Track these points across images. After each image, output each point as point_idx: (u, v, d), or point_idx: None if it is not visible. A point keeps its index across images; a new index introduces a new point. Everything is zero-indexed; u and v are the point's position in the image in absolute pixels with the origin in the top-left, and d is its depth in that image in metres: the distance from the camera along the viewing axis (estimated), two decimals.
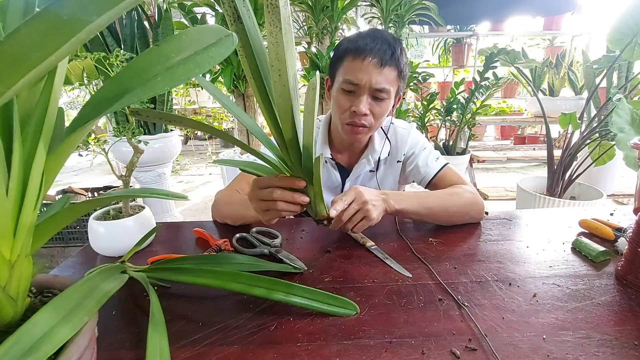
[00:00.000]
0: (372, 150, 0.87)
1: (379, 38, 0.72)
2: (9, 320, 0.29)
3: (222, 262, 0.54)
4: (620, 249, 0.64)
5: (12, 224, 0.27)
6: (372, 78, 0.72)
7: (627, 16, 1.46)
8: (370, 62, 0.71)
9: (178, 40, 0.28)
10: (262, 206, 0.55)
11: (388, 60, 0.72)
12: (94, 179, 3.81)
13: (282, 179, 0.52)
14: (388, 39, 0.73)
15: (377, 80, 0.72)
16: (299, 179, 0.51)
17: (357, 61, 0.72)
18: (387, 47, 0.72)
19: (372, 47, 0.71)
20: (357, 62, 0.72)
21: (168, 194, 0.33)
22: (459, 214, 0.75)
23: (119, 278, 0.36)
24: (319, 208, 0.55)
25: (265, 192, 0.53)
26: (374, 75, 0.72)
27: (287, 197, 0.52)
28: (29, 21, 0.19)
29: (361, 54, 0.71)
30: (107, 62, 0.64)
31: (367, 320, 0.46)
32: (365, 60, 0.71)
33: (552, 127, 2.30)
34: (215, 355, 0.41)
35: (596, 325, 0.45)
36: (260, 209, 0.55)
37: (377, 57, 0.71)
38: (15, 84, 0.20)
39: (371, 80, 0.72)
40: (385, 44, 0.72)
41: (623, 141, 1.30)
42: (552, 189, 1.94)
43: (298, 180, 0.51)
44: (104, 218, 0.66)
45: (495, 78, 2.29)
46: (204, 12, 2.56)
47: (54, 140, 0.29)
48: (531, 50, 4.25)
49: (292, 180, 0.52)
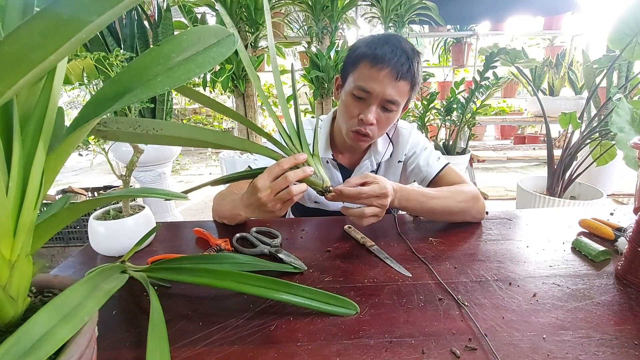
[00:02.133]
0: (375, 152, 0.87)
1: (398, 48, 0.70)
2: (9, 320, 0.29)
3: (222, 262, 0.54)
4: (620, 248, 0.64)
5: (12, 224, 0.27)
6: (385, 90, 0.70)
7: (628, 16, 1.46)
8: (386, 74, 0.69)
9: (179, 41, 0.28)
10: (278, 199, 0.54)
11: (404, 73, 0.70)
12: (94, 179, 3.80)
13: (284, 161, 0.53)
14: (407, 51, 0.71)
15: (390, 92, 0.70)
16: (299, 154, 0.54)
17: (373, 70, 0.70)
18: (405, 59, 0.70)
19: (390, 57, 0.69)
20: (372, 71, 0.70)
21: (168, 193, 0.33)
22: (460, 213, 0.75)
23: (119, 278, 0.36)
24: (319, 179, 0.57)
25: (280, 182, 0.53)
26: (388, 87, 0.70)
27: (299, 173, 0.53)
28: (29, 21, 0.19)
29: (378, 63, 0.69)
30: (107, 62, 0.64)
31: (367, 320, 0.46)
32: (381, 71, 0.69)
33: (552, 127, 2.29)
34: (215, 355, 0.41)
35: (596, 325, 0.45)
36: (277, 201, 0.54)
37: (394, 70, 0.69)
38: (15, 83, 0.20)
39: (384, 91, 0.70)
40: (404, 55, 0.70)
41: (623, 141, 1.30)
42: (552, 189, 1.94)
43: (298, 155, 0.54)
44: (104, 218, 0.66)
45: (495, 78, 2.29)
46: (204, 12, 2.56)
47: (54, 140, 0.29)
48: (531, 50, 4.24)
49: (292, 157, 0.54)
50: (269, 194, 0.53)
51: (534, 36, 4.12)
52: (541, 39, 4.24)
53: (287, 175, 0.53)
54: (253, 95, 2.30)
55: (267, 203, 0.54)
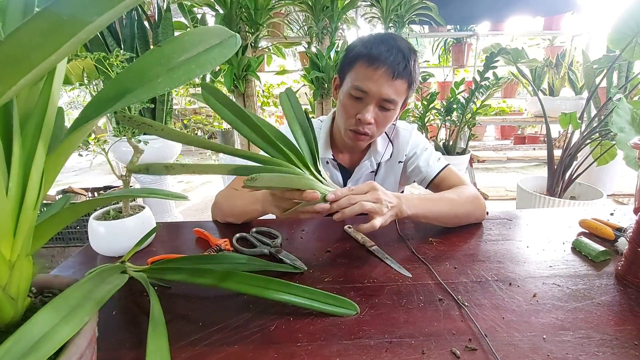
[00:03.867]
0: (375, 152, 0.87)
1: (394, 47, 0.70)
2: (9, 320, 0.29)
3: (222, 262, 0.54)
4: (620, 249, 0.64)
5: (12, 224, 0.27)
6: (382, 89, 0.70)
7: (628, 16, 1.46)
8: (382, 73, 0.69)
9: (180, 41, 0.28)
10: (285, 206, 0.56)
11: (401, 72, 0.70)
12: (94, 179, 3.81)
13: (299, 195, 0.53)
14: (403, 50, 0.71)
15: (386, 91, 0.71)
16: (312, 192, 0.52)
17: (369, 69, 0.70)
18: (402, 58, 0.70)
19: (386, 57, 0.69)
20: (369, 71, 0.70)
21: (168, 194, 0.33)
22: (465, 216, 0.74)
23: (119, 278, 0.36)
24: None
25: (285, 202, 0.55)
26: (385, 86, 0.70)
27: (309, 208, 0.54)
28: (29, 21, 0.19)
29: (374, 62, 0.69)
30: (107, 62, 0.64)
31: (367, 320, 0.46)
32: (377, 70, 0.69)
33: (552, 127, 2.29)
34: (215, 355, 0.41)
35: (596, 325, 0.45)
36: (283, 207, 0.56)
37: (390, 69, 0.69)
38: (15, 84, 0.20)
39: (381, 90, 0.71)
40: (400, 54, 0.70)
41: (623, 141, 1.30)
42: (552, 189, 1.94)
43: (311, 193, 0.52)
44: (104, 218, 0.66)
45: (496, 78, 2.29)
46: (204, 12, 2.56)
47: (54, 140, 0.29)
48: (531, 50, 4.24)
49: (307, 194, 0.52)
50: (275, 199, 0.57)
51: (534, 36, 4.11)
52: (541, 39, 4.24)
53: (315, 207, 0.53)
54: (253, 96, 2.30)
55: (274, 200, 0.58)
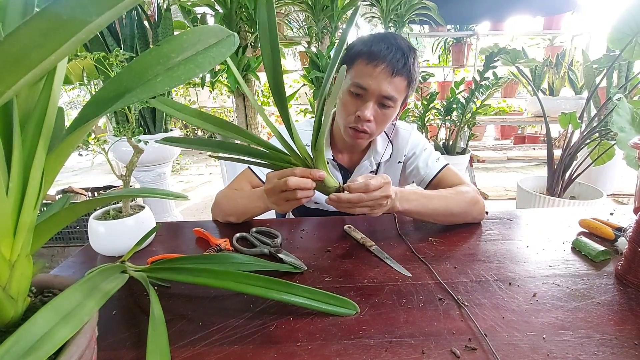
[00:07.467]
0: (375, 152, 0.87)
1: (393, 45, 0.71)
2: (9, 320, 0.29)
3: (222, 262, 0.54)
4: (620, 248, 0.64)
5: (12, 224, 0.27)
6: (381, 86, 0.71)
7: (628, 15, 1.46)
8: (381, 70, 0.70)
9: (179, 41, 0.28)
10: (282, 197, 0.56)
11: (400, 69, 0.71)
12: (94, 179, 3.80)
13: (297, 170, 0.54)
14: (402, 48, 0.72)
15: (386, 88, 0.71)
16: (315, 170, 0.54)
17: (369, 67, 0.71)
18: (401, 55, 0.71)
19: (385, 54, 0.70)
20: (368, 68, 0.71)
21: (168, 193, 0.33)
22: (461, 215, 0.75)
23: (119, 278, 0.36)
24: (331, 180, 0.58)
25: (282, 182, 0.54)
26: (384, 83, 0.71)
27: (302, 184, 0.54)
28: (29, 21, 0.19)
29: (373, 60, 0.70)
30: (107, 62, 0.64)
31: (367, 320, 0.46)
32: (377, 68, 0.70)
33: (552, 127, 2.29)
34: (215, 355, 0.41)
35: (596, 325, 0.45)
36: (281, 200, 0.57)
37: (389, 66, 0.70)
38: (15, 83, 0.20)
39: (380, 88, 0.71)
40: (400, 52, 0.71)
41: (623, 141, 1.30)
42: (552, 189, 1.94)
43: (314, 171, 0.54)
44: (104, 218, 0.66)
45: (495, 78, 2.29)
46: (204, 12, 2.56)
47: (54, 140, 0.29)
48: (531, 50, 4.24)
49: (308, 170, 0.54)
50: (274, 189, 0.56)
51: (534, 36, 4.11)
52: (541, 39, 4.24)
53: (288, 179, 0.53)
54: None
55: (270, 197, 0.58)
